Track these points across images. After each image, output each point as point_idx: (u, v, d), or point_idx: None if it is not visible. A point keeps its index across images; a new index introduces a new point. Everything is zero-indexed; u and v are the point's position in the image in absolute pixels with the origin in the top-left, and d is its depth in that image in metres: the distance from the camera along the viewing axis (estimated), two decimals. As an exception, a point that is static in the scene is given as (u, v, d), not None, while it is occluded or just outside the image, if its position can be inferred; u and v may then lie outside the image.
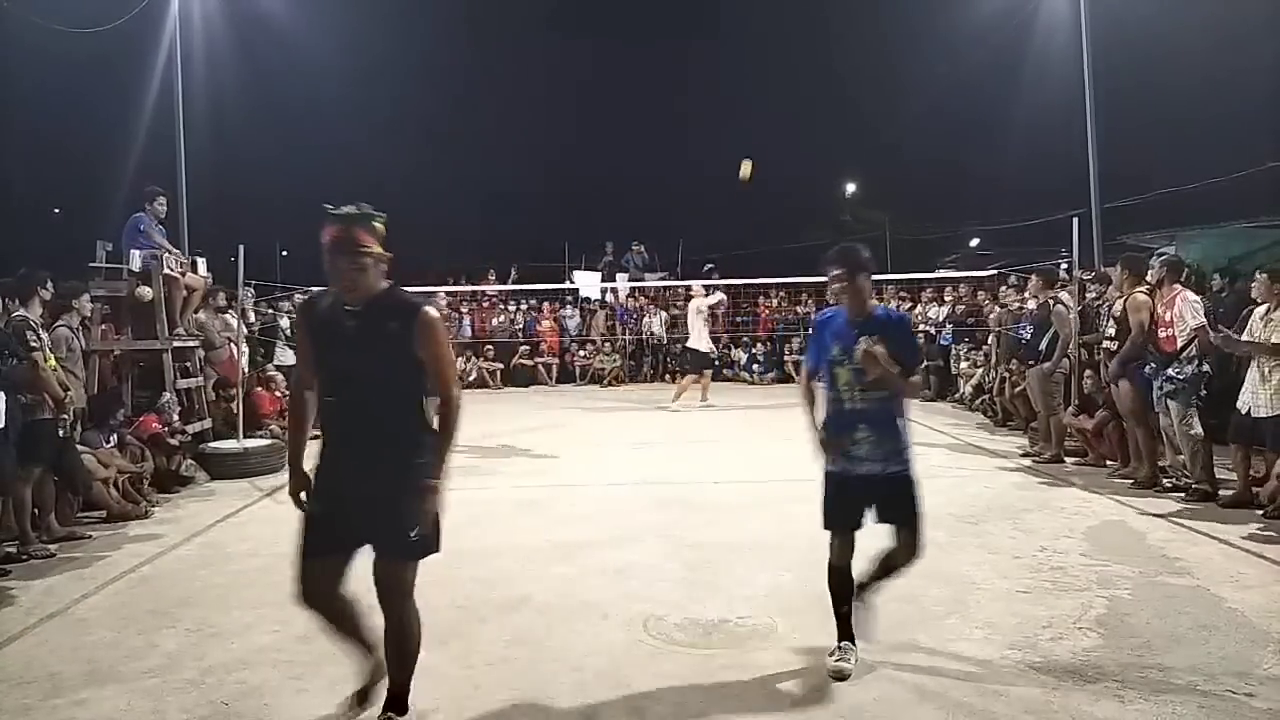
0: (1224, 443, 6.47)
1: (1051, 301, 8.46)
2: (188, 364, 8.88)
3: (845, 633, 3.59)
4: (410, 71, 27.95)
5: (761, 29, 31.34)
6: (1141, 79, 19.10)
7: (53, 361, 5.96)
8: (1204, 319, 6.42)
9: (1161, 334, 6.67)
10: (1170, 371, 6.50)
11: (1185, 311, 6.49)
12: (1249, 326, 6.20)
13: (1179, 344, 6.48)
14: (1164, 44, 18.11)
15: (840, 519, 3.56)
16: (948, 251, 26.87)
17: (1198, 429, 6.43)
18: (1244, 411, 6.05)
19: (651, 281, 18.81)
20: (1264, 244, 11.23)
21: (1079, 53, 15.31)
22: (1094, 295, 8.88)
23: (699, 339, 12.58)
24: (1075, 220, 9.67)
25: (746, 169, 12.47)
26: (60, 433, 5.84)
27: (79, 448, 6.36)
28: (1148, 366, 6.75)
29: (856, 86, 28.67)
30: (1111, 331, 7.23)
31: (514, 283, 19.08)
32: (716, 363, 14.35)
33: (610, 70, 30.76)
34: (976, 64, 21.14)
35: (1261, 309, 6.14)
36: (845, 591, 3.60)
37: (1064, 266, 11.57)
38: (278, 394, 10.22)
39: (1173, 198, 17.45)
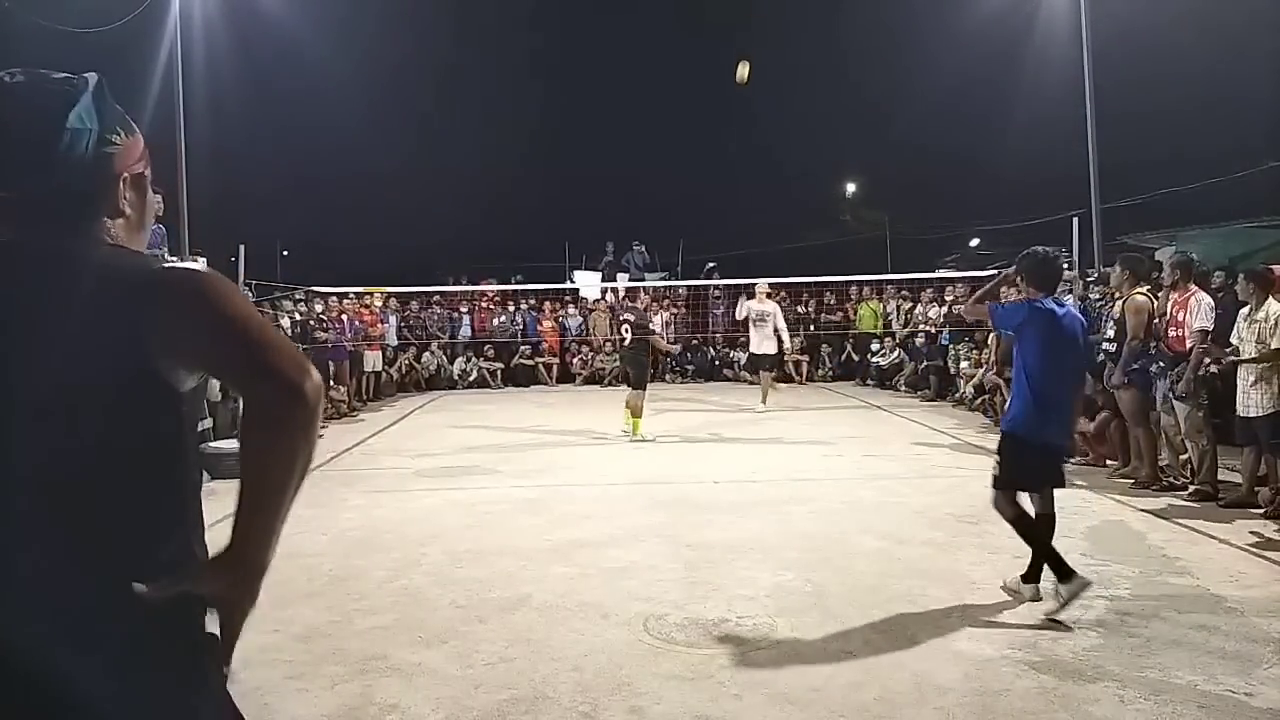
0: (1230, 444, 6.47)
1: (1051, 301, 8.45)
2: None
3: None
4: (411, 72, 27.97)
5: (762, 29, 31.36)
6: (1142, 79, 19.10)
7: None
8: (1209, 323, 6.41)
9: (1172, 333, 6.67)
10: (1176, 373, 6.49)
11: (1197, 312, 6.49)
12: (1235, 327, 6.26)
13: (1188, 345, 6.48)
14: (1164, 44, 18.13)
15: None
16: (948, 251, 26.88)
17: (1205, 430, 6.43)
18: (1241, 414, 6.10)
19: (652, 281, 18.83)
20: (1264, 244, 11.24)
21: (1079, 53, 15.31)
22: (1097, 296, 8.87)
23: (759, 342, 12.21)
24: (1075, 220, 9.67)
25: (744, 71, 11.94)
26: None
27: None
28: (1155, 366, 6.75)
29: (857, 87, 28.71)
30: (1110, 333, 7.23)
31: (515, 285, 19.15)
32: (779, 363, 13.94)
33: (612, 70, 30.78)
34: (977, 64, 21.17)
35: (1245, 309, 6.20)
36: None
37: (1064, 266, 11.58)
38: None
39: (1173, 198, 17.48)
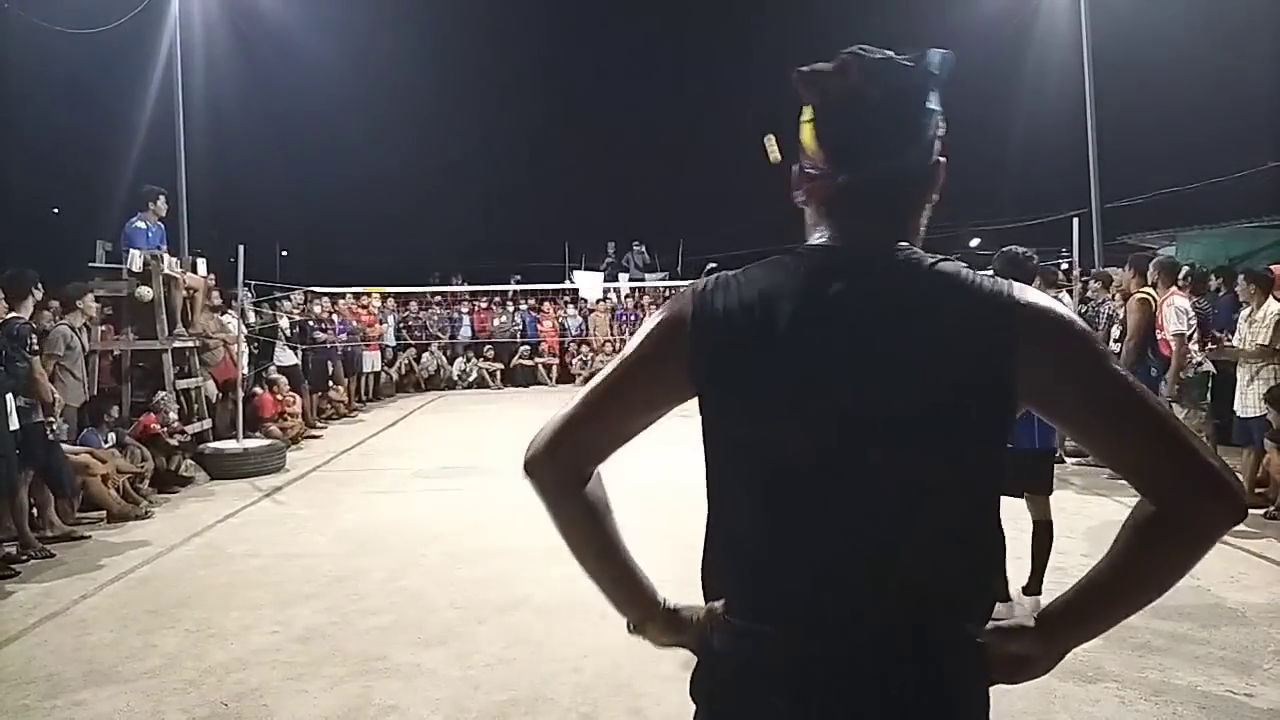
0: (1228, 444, 6.47)
1: (1051, 301, 8.45)
2: (186, 364, 8.88)
3: None
4: (410, 71, 27.96)
5: (762, 28, 31.38)
6: (1142, 79, 19.09)
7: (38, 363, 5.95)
8: (1182, 327, 6.38)
9: (1159, 336, 6.68)
10: (1169, 375, 6.50)
11: (1169, 317, 6.48)
12: (1237, 328, 6.26)
13: (1173, 348, 6.49)
14: (1164, 44, 18.11)
15: None
16: (948, 251, 26.73)
17: (1206, 430, 6.44)
18: (1238, 414, 6.11)
19: (652, 281, 18.82)
20: (1264, 244, 11.22)
21: (1079, 53, 15.32)
22: (1094, 297, 8.87)
23: None
24: (1075, 220, 9.67)
25: (773, 148, 12.17)
26: (49, 435, 5.82)
27: (77, 448, 6.38)
28: (1152, 369, 6.75)
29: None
30: (1116, 333, 7.23)
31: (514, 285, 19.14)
32: None
33: (611, 70, 30.77)
34: (977, 64, 21.14)
35: (1245, 310, 6.20)
36: None
37: (1064, 266, 11.56)
38: (279, 397, 10.23)
39: (1173, 198, 17.46)
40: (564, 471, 1.22)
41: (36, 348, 5.74)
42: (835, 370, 1.04)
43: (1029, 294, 1.06)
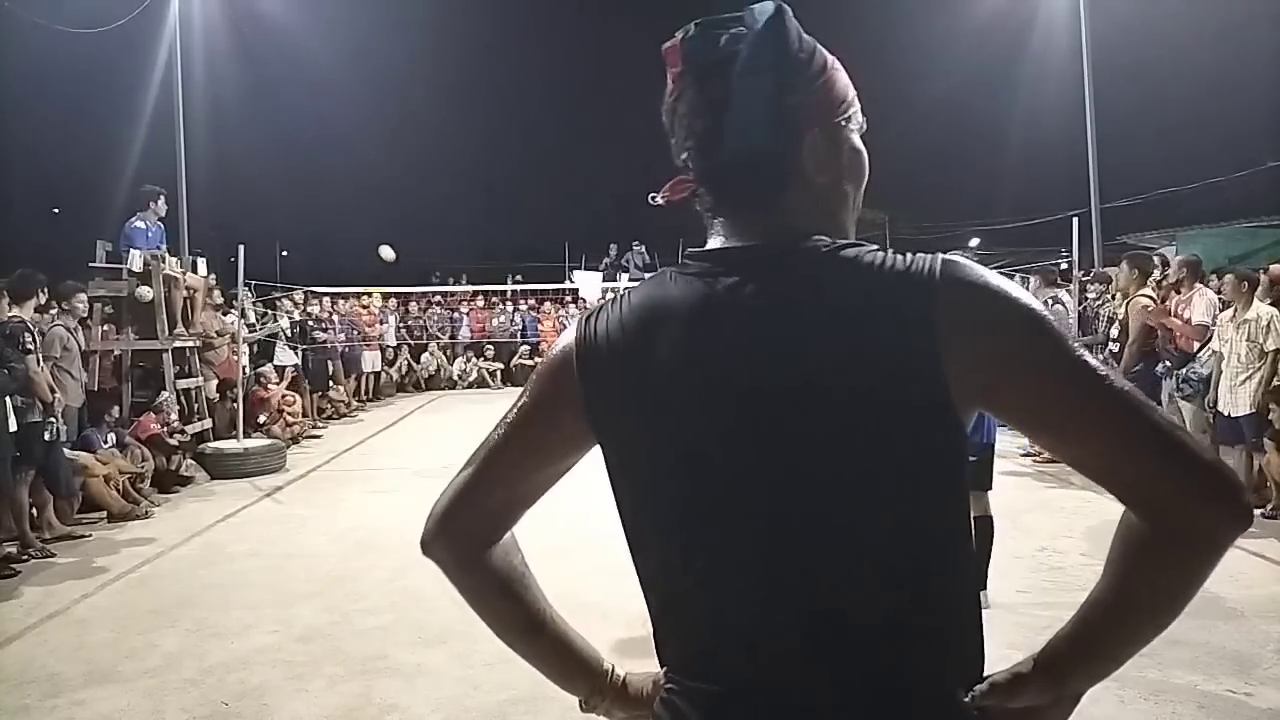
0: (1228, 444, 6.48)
1: (1050, 301, 8.43)
2: (187, 364, 8.88)
3: None
4: (410, 72, 27.97)
5: (761, 29, 31.40)
6: (1142, 79, 19.11)
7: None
8: (1207, 320, 6.38)
9: (1179, 333, 6.66)
10: (1184, 372, 6.47)
11: (1199, 307, 6.45)
12: (1217, 328, 6.24)
13: (1195, 345, 6.46)
14: (1164, 44, 18.13)
15: None
16: (947, 251, 26.82)
17: (1209, 430, 6.43)
18: (1225, 413, 6.08)
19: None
20: (1264, 244, 11.25)
21: (1079, 53, 15.32)
22: (1094, 296, 8.87)
23: None
24: (1075, 220, 9.67)
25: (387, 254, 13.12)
26: (46, 435, 5.81)
27: (78, 452, 6.38)
28: (1161, 365, 6.72)
29: (855, 86, 28.71)
30: (1115, 333, 7.21)
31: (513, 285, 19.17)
32: None
33: (611, 68, 30.77)
34: (976, 64, 21.16)
35: (1229, 311, 6.16)
36: None
37: (1064, 266, 11.57)
38: (270, 389, 10.21)
39: (1173, 198, 17.48)
40: (461, 547, 1.08)
41: (30, 347, 5.72)
42: (729, 404, 0.88)
43: (953, 266, 0.87)
